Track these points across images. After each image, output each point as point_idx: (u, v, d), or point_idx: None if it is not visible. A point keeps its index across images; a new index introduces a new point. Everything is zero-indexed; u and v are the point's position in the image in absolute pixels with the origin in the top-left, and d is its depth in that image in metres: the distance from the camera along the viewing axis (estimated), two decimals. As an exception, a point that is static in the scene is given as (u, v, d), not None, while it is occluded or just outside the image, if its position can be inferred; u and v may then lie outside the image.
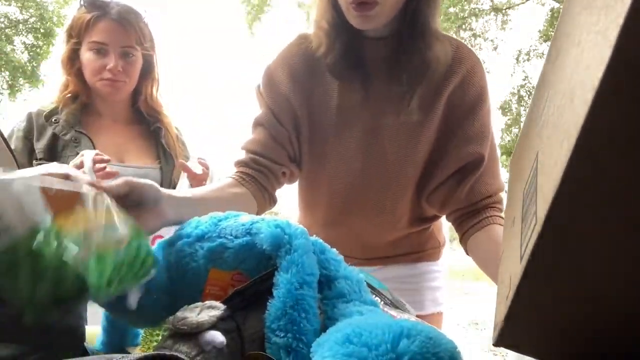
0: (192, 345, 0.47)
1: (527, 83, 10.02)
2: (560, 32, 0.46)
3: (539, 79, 0.53)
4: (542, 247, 0.32)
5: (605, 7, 0.28)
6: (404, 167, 1.02)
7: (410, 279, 1.15)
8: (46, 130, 1.33)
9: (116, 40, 1.33)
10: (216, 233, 0.59)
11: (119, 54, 1.33)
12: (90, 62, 1.33)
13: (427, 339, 0.40)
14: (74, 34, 1.35)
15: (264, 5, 10.93)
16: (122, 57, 1.34)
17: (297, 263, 0.52)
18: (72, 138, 1.31)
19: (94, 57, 1.33)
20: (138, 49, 1.37)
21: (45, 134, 1.32)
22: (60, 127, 1.33)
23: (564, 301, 0.34)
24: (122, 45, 1.33)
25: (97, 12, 1.32)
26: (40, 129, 1.34)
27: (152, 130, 1.45)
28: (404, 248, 1.14)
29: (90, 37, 1.33)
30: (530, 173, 0.42)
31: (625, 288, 0.32)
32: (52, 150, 1.31)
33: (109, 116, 1.42)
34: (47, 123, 1.34)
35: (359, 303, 0.53)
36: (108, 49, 1.32)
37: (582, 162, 0.28)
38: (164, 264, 0.62)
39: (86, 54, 1.34)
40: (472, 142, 0.99)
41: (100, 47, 1.32)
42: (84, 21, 1.32)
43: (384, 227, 1.09)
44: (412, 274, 1.16)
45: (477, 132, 0.99)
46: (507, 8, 10.17)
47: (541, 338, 0.37)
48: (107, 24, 1.32)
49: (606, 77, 0.25)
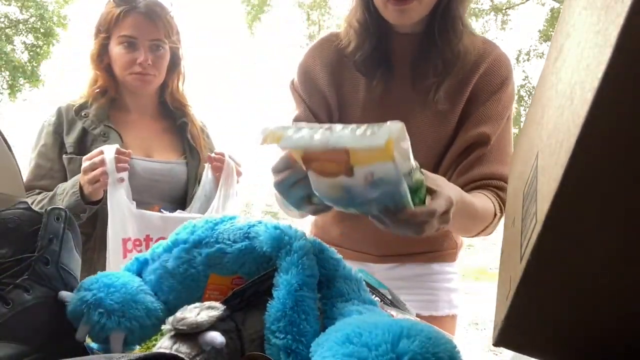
0: (192, 345, 0.47)
1: (527, 83, 10.02)
2: (561, 32, 0.46)
3: (539, 79, 0.53)
4: (542, 247, 0.32)
5: (605, 7, 0.28)
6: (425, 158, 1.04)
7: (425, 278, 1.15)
8: (76, 125, 1.34)
9: (145, 34, 1.33)
10: (213, 238, 0.59)
11: (148, 48, 1.33)
12: (120, 56, 1.33)
13: (427, 339, 0.40)
14: (103, 29, 1.35)
15: (264, 5, 10.93)
16: (151, 50, 1.34)
17: (297, 264, 0.52)
18: (101, 132, 1.32)
19: (123, 51, 1.33)
20: (166, 42, 1.37)
21: (75, 128, 1.33)
22: (90, 121, 1.33)
23: (564, 301, 0.34)
24: (151, 38, 1.33)
25: (125, 6, 1.32)
26: (69, 123, 1.34)
27: (179, 125, 1.46)
28: (419, 246, 1.14)
29: (119, 31, 1.33)
30: (530, 173, 0.42)
31: (625, 288, 0.32)
32: (81, 144, 1.31)
33: (136, 111, 1.42)
34: (77, 117, 1.35)
35: (358, 302, 0.53)
36: (137, 42, 1.32)
37: (582, 162, 0.28)
38: (162, 271, 0.62)
39: (115, 49, 1.34)
40: (481, 124, 1.00)
41: (130, 40, 1.32)
42: (113, 15, 1.32)
43: None
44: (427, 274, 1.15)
45: (487, 115, 1.01)
46: (507, 8, 10.18)
47: (541, 338, 0.37)
48: (136, 17, 1.32)
49: (606, 77, 0.25)
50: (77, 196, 1.18)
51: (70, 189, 1.20)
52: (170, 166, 1.37)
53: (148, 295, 0.61)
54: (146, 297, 0.60)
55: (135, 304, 0.59)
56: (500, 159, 1.01)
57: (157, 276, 0.62)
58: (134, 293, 0.59)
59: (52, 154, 1.32)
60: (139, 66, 1.32)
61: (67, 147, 1.31)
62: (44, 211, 0.62)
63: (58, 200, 1.21)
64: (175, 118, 1.46)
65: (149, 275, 0.64)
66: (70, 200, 1.18)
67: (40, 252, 0.59)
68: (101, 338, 0.58)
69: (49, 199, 1.23)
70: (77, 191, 1.18)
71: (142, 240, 1.19)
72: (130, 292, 0.59)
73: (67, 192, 1.20)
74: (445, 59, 0.99)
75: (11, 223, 0.60)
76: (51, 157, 1.31)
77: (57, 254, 0.61)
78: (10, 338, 0.53)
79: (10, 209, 0.61)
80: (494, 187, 0.99)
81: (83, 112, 1.35)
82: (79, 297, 0.58)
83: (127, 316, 0.58)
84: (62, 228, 0.63)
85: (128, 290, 0.59)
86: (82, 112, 1.35)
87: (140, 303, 0.59)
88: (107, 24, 1.34)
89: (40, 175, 1.30)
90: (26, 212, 0.61)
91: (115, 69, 1.37)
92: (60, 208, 0.64)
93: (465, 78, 1.02)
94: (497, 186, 0.99)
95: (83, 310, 0.57)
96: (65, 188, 1.22)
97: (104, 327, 0.56)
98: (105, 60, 1.37)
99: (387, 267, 1.14)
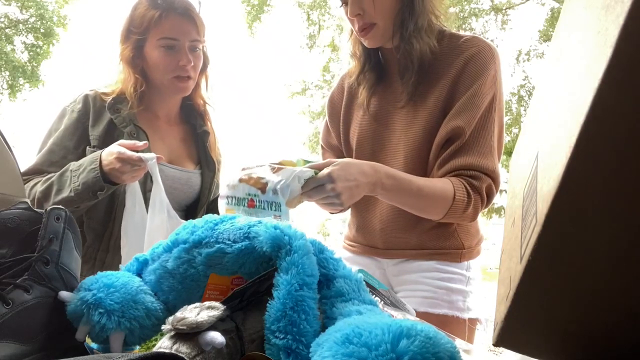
0: (192, 345, 0.47)
1: (527, 83, 10.01)
2: (561, 32, 0.46)
3: (539, 78, 0.53)
4: (542, 247, 0.32)
5: (605, 7, 0.28)
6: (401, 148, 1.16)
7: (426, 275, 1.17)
8: (103, 117, 1.29)
9: (186, 35, 1.30)
10: (213, 238, 0.59)
11: (189, 49, 1.31)
12: (161, 59, 1.30)
13: (427, 339, 0.40)
14: (137, 30, 1.31)
15: (264, 5, 10.92)
16: (191, 52, 1.32)
17: (297, 264, 0.52)
18: (131, 132, 1.28)
19: (165, 54, 1.29)
20: (202, 42, 1.35)
21: (102, 121, 1.28)
22: (122, 118, 1.29)
23: (564, 301, 0.34)
24: (191, 40, 1.31)
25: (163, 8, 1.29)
26: (97, 113, 1.29)
27: (199, 134, 1.44)
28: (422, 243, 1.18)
29: (159, 33, 1.29)
30: (530, 173, 0.42)
31: (625, 288, 0.32)
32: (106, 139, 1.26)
33: (163, 115, 1.40)
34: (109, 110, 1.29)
35: (358, 302, 0.53)
36: (178, 44, 1.30)
37: (582, 162, 0.28)
38: (162, 271, 0.62)
39: (155, 51, 1.30)
40: (456, 118, 1.07)
41: (171, 43, 1.29)
42: (153, 17, 1.29)
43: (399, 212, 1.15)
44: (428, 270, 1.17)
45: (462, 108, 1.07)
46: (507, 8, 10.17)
47: (541, 338, 0.37)
48: (176, 18, 1.29)
49: (606, 77, 0.25)
50: (96, 172, 1.12)
51: (88, 165, 1.14)
52: (188, 175, 1.36)
53: (148, 296, 0.61)
54: (146, 297, 0.60)
55: (135, 304, 0.59)
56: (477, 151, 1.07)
57: (157, 276, 0.62)
58: (134, 293, 0.59)
59: (69, 142, 1.26)
60: (181, 69, 1.30)
61: (91, 139, 1.27)
62: (44, 211, 0.62)
63: (72, 176, 1.15)
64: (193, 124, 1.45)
65: (148, 275, 0.64)
66: (89, 177, 1.13)
67: (40, 252, 0.59)
68: (101, 338, 0.58)
69: (59, 175, 1.18)
70: (97, 167, 1.13)
71: None
72: (130, 292, 0.59)
73: (85, 168, 1.14)
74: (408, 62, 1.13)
75: (11, 223, 0.60)
76: (67, 145, 1.26)
77: (57, 254, 0.61)
78: (10, 338, 0.53)
79: (10, 209, 0.61)
80: (467, 176, 1.06)
81: (117, 106, 1.30)
82: (79, 297, 0.58)
83: (127, 316, 0.58)
84: (62, 228, 0.63)
85: (128, 291, 0.59)
86: (116, 106, 1.30)
87: (140, 303, 0.59)
88: (145, 26, 1.30)
89: (50, 161, 1.24)
90: (26, 212, 0.61)
91: (152, 72, 1.33)
92: (60, 208, 0.64)
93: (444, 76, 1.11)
94: (471, 175, 1.06)
95: (83, 310, 0.57)
96: (82, 164, 1.16)
97: (104, 327, 0.56)
98: (139, 63, 1.33)
99: (394, 262, 1.23)
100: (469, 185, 1.05)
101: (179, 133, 1.43)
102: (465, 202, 1.05)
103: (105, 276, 0.61)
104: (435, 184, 1.04)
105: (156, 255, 0.64)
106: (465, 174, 1.06)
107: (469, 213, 1.06)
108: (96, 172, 1.12)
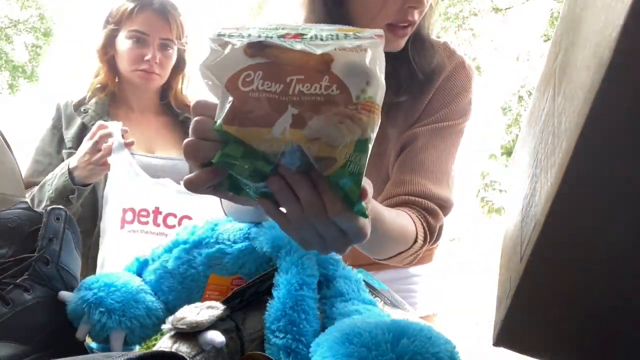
0: (192, 345, 0.47)
1: (527, 83, 10.01)
2: (561, 32, 0.46)
3: (539, 78, 0.53)
4: (542, 247, 0.32)
5: (605, 7, 0.28)
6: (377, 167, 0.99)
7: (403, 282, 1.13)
8: (74, 120, 1.33)
9: (157, 32, 1.32)
10: (213, 239, 0.59)
11: (158, 46, 1.33)
12: (128, 51, 1.32)
13: (427, 338, 0.40)
14: (113, 20, 1.34)
15: (264, 5, 10.93)
16: (160, 49, 1.34)
17: (297, 264, 0.52)
18: None
19: (132, 46, 1.32)
20: (176, 43, 1.37)
21: (74, 124, 1.32)
22: (89, 117, 1.32)
23: (564, 301, 0.34)
24: (161, 37, 1.33)
25: (140, 2, 1.32)
26: (68, 118, 1.33)
27: (181, 121, 1.45)
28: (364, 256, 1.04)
29: (130, 25, 1.32)
30: (530, 173, 0.42)
31: (625, 288, 0.32)
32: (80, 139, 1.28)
33: (137, 107, 1.42)
34: (76, 113, 1.34)
35: (358, 302, 0.53)
36: (148, 39, 1.31)
37: (582, 162, 0.28)
38: (162, 271, 0.62)
39: (124, 42, 1.33)
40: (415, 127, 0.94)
41: (140, 36, 1.31)
42: (126, 9, 1.32)
43: None
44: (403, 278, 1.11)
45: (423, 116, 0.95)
46: (507, 8, 10.17)
47: (541, 338, 0.37)
48: (150, 14, 1.32)
49: (606, 77, 0.25)
50: (65, 177, 1.15)
51: (58, 172, 1.18)
52: (173, 162, 1.36)
53: (148, 295, 0.61)
54: (146, 296, 0.60)
55: (136, 303, 0.59)
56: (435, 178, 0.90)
57: (157, 276, 0.62)
58: (134, 292, 0.59)
59: (50, 149, 1.30)
60: (146, 63, 1.31)
61: (66, 141, 1.30)
62: (44, 211, 0.62)
63: (47, 186, 1.18)
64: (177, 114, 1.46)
65: (149, 275, 0.64)
66: (59, 183, 1.16)
67: (40, 252, 0.59)
68: (101, 337, 0.58)
69: (39, 187, 1.21)
70: (65, 172, 1.15)
71: (149, 211, 1.14)
72: (130, 291, 0.59)
73: (56, 175, 1.18)
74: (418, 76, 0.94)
75: (11, 223, 0.60)
76: (49, 152, 1.29)
77: (57, 254, 0.61)
78: (10, 338, 0.53)
79: (10, 209, 0.61)
80: (422, 207, 0.87)
81: (82, 107, 1.34)
82: (80, 296, 0.58)
83: (127, 315, 0.58)
84: (62, 228, 0.63)
85: (128, 290, 0.59)
86: (81, 107, 1.34)
87: (140, 302, 0.59)
88: (119, 17, 1.33)
89: (38, 171, 1.28)
90: (26, 212, 0.61)
91: (119, 63, 1.36)
92: (60, 208, 0.64)
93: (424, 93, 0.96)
94: (425, 208, 0.87)
95: (84, 309, 0.57)
96: (55, 173, 1.19)
97: (105, 326, 0.56)
98: (109, 52, 1.36)
99: None
100: (427, 225, 0.87)
101: (159, 123, 1.43)
102: (419, 246, 0.87)
103: (105, 276, 0.61)
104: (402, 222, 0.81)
105: (156, 256, 0.64)
106: (418, 202, 0.88)
107: (412, 259, 0.88)
108: (65, 177, 1.15)
